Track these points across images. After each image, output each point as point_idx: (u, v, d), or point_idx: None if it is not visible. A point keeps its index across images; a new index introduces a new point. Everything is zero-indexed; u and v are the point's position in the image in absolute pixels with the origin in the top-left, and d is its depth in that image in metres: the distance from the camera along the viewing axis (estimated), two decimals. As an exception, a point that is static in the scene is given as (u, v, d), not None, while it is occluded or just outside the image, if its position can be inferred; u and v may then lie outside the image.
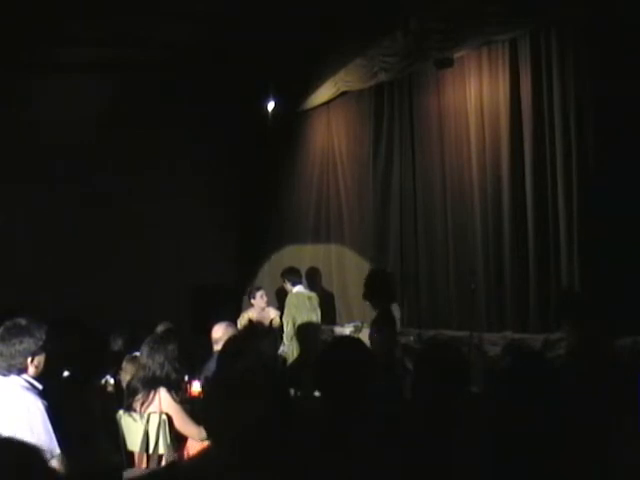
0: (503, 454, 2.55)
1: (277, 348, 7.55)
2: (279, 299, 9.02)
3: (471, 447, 2.75)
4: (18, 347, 3.61)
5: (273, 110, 9.93)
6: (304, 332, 7.53)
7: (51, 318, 4.18)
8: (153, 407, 4.45)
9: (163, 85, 9.78)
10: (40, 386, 3.67)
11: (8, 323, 3.70)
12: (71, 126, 9.26)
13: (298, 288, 8.01)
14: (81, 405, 4.17)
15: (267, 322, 7.97)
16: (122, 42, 8.92)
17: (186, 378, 5.08)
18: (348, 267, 9.39)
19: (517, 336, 7.08)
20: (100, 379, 5.07)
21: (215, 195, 10.40)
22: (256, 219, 10.69)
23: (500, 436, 2.63)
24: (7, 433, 3.43)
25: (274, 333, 7.84)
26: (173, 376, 4.58)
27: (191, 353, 5.27)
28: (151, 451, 4.40)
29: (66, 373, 4.68)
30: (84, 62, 9.41)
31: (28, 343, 3.63)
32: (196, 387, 5.17)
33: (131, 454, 4.50)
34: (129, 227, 9.58)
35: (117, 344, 6.04)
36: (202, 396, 4.97)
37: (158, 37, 8.95)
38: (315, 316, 7.83)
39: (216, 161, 10.36)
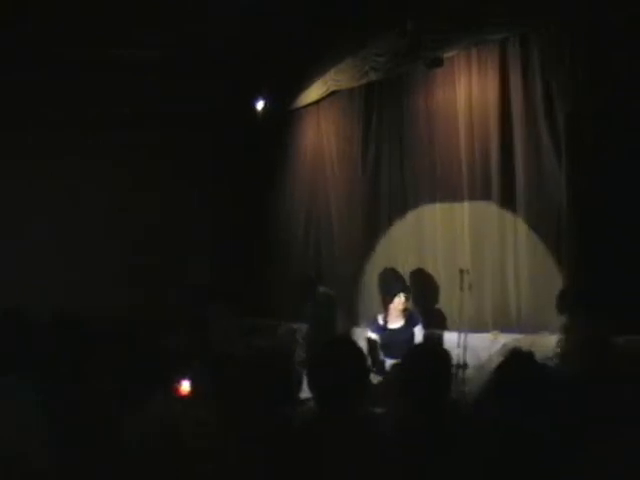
0: (499, 455, 2.55)
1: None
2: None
3: (463, 449, 2.75)
4: None
5: (263, 109, 9.91)
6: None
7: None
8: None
9: (153, 85, 9.73)
10: None
11: None
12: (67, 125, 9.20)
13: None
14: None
15: None
16: (117, 42, 8.87)
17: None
18: (337, 265, 9.35)
19: (509, 336, 7.07)
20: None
21: (206, 194, 10.35)
22: (247, 219, 10.62)
23: (495, 437, 2.62)
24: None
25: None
26: None
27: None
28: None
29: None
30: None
31: None
32: (185, 386, 5.13)
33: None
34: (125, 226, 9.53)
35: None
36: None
37: (151, 37, 8.90)
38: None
39: (208, 160, 10.32)
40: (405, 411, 3.26)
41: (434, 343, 4.94)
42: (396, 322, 7.32)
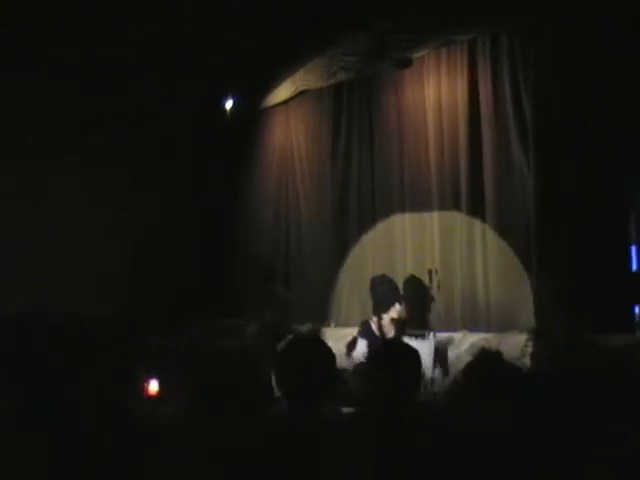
0: (468, 454, 2.54)
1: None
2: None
3: (433, 448, 2.74)
4: None
5: (232, 109, 9.85)
6: None
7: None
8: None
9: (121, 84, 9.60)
10: None
11: None
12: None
13: None
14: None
15: None
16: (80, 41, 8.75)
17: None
18: (306, 264, 9.33)
19: (476, 336, 7.09)
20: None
21: (173, 194, 10.25)
22: (214, 218, 10.54)
23: (463, 436, 2.62)
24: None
25: None
26: None
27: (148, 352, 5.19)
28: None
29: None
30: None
31: None
32: (154, 386, 5.08)
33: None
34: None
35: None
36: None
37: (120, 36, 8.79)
38: None
39: (177, 160, 10.21)
40: (374, 411, 3.25)
41: (403, 342, 4.94)
42: (389, 332, 7.07)
